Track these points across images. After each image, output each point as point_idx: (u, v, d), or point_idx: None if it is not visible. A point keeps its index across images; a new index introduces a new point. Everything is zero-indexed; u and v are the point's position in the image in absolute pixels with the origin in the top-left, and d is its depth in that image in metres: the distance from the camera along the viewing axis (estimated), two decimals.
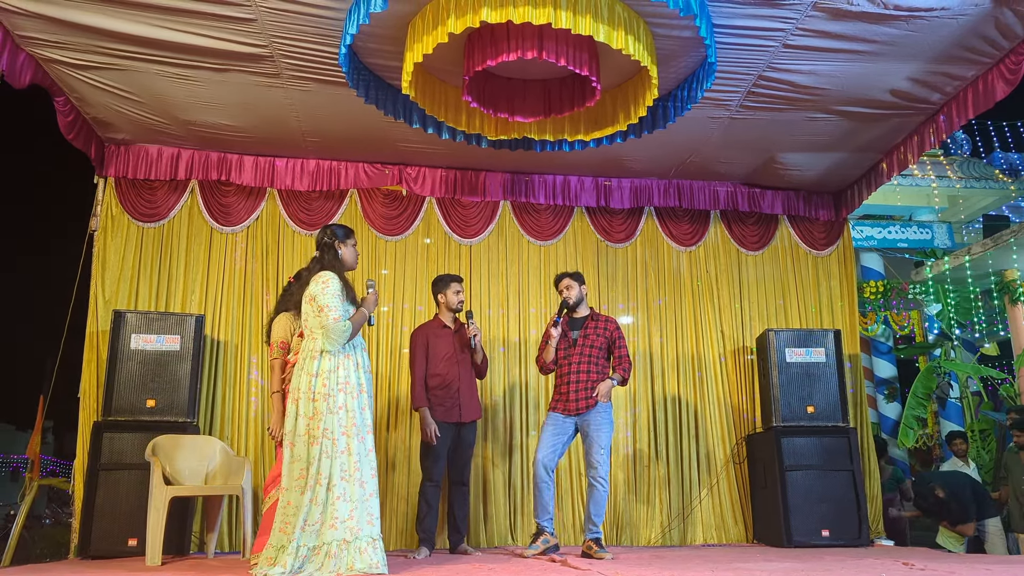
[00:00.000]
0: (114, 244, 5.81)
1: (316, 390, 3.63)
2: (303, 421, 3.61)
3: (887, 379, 10.08)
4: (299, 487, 3.54)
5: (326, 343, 3.69)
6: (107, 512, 4.86)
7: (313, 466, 3.54)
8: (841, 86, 5.07)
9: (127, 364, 5.15)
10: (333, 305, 3.70)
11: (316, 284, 3.78)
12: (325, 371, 3.66)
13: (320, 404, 3.60)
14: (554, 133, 5.10)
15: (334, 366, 3.68)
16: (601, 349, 4.93)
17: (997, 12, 4.28)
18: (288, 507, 3.54)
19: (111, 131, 5.70)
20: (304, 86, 5.07)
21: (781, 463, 5.59)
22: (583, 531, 4.85)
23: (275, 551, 3.48)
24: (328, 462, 3.55)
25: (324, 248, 3.95)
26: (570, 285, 4.99)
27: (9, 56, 4.44)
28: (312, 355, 3.70)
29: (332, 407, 3.62)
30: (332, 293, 3.72)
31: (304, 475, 3.54)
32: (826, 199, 6.85)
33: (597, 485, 4.75)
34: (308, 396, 3.63)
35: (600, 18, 3.94)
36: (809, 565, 3.85)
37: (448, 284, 5.14)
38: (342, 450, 3.58)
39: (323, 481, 3.52)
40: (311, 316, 3.75)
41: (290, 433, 3.64)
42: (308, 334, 3.77)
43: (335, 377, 3.67)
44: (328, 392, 3.63)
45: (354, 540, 3.50)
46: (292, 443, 3.61)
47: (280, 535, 3.50)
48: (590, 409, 4.80)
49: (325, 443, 3.56)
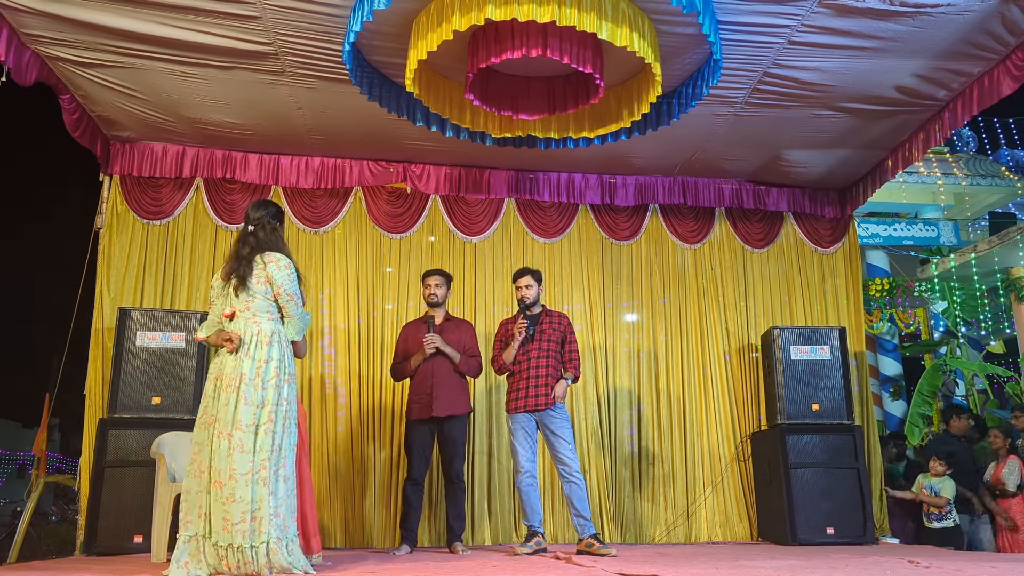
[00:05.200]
0: (119, 242, 5.83)
1: (266, 379, 3.46)
2: (248, 409, 3.40)
3: (893, 377, 10.06)
4: (245, 481, 3.32)
5: (292, 332, 3.64)
6: (113, 509, 4.88)
7: (258, 457, 3.37)
8: (847, 83, 5.05)
9: (132, 361, 5.16)
10: (298, 294, 3.65)
11: (279, 269, 3.61)
12: (275, 359, 3.51)
13: (270, 393, 3.45)
14: (558, 130, 5.10)
15: (282, 354, 3.55)
16: (558, 344, 4.98)
17: (1003, 8, 4.26)
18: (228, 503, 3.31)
19: (116, 129, 5.71)
20: (308, 84, 5.07)
21: (786, 461, 5.58)
22: (576, 530, 4.81)
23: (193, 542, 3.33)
24: (274, 456, 3.41)
25: (262, 225, 3.71)
26: (531, 284, 5.00)
27: (15, 54, 4.45)
28: (260, 341, 3.51)
29: (279, 398, 3.48)
30: (294, 280, 3.64)
31: (250, 468, 3.34)
32: (832, 196, 6.83)
33: (575, 481, 4.78)
34: (255, 383, 3.44)
35: (604, 15, 3.93)
36: (814, 563, 3.85)
37: (423, 279, 5.16)
38: (276, 445, 3.43)
39: (266, 475, 3.37)
40: (260, 298, 3.58)
41: (226, 423, 3.38)
42: (249, 317, 3.56)
43: (283, 367, 3.54)
44: (277, 383, 3.49)
45: (284, 538, 3.37)
46: (230, 433, 3.36)
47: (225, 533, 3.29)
48: (549, 407, 4.84)
49: (268, 435, 3.40)
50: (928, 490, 5.92)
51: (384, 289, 6.17)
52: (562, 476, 4.85)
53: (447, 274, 5.27)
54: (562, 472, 4.84)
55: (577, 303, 6.41)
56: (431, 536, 5.70)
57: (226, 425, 3.39)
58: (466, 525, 5.59)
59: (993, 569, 3.31)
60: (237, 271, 3.62)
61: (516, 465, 4.90)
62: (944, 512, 5.78)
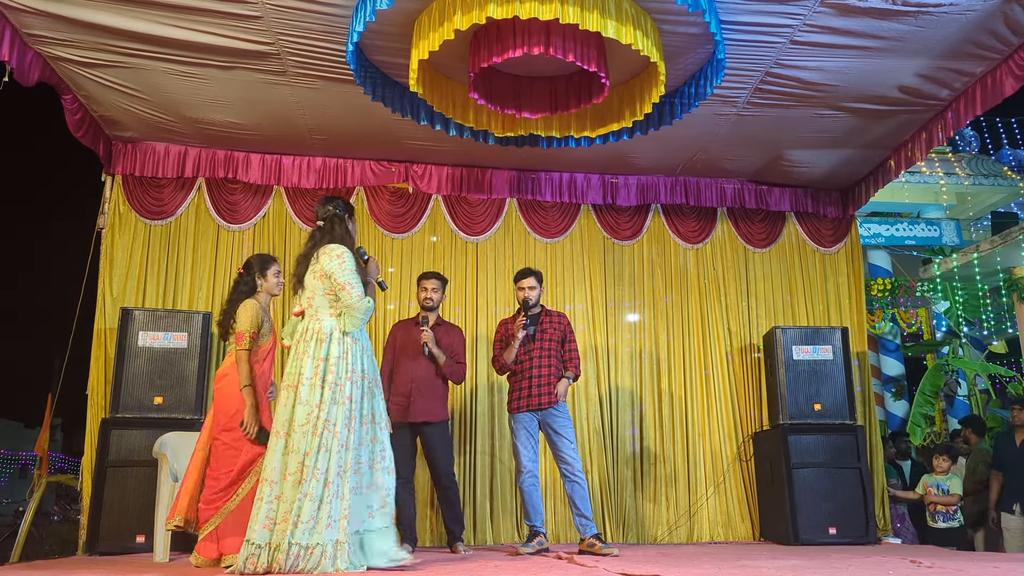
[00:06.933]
0: (122, 242, 5.83)
1: (325, 378, 3.40)
2: (303, 409, 3.36)
3: (895, 377, 10.05)
4: (294, 481, 3.28)
5: (348, 323, 3.50)
6: (115, 509, 4.88)
7: (311, 459, 3.29)
8: (849, 82, 5.05)
9: (135, 361, 5.17)
10: (354, 282, 3.50)
11: (331, 259, 3.51)
12: (334, 357, 3.44)
13: (327, 392, 3.37)
14: (560, 130, 5.10)
15: (342, 352, 3.46)
16: (558, 343, 4.98)
17: (1006, 8, 4.26)
18: (275, 501, 3.29)
19: (119, 129, 5.72)
20: (310, 83, 5.07)
21: (788, 461, 5.58)
22: (578, 530, 4.81)
23: (258, 548, 3.24)
24: (327, 457, 3.31)
25: (333, 220, 3.67)
26: (534, 286, 4.99)
27: (17, 54, 4.45)
28: (319, 338, 3.46)
29: (338, 397, 3.39)
30: (350, 269, 3.51)
31: (300, 468, 3.29)
32: (834, 196, 6.82)
33: (578, 481, 4.77)
34: (313, 383, 3.39)
35: (608, 14, 3.93)
36: (816, 563, 3.84)
37: (419, 282, 5.10)
38: (342, 444, 3.35)
39: (319, 476, 3.28)
40: (319, 295, 3.53)
41: (284, 423, 3.38)
42: (312, 314, 3.54)
43: (343, 364, 3.44)
44: (336, 380, 3.40)
45: (347, 540, 3.30)
46: (287, 433, 3.36)
47: (264, 532, 3.26)
48: (552, 405, 4.84)
49: (326, 436, 3.33)
50: (935, 488, 5.91)
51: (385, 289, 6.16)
52: (564, 476, 4.84)
53: (444, 278, 5.22)
54: (564, 472, 4.84)
55: (579, 303, 6.41)
56: (432, 536, 5.70)
57: (283, 425, 3.39)
58: (467, 525, 5.60)
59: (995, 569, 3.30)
60: (296, 270, 3.65)
61: (518, 465, 4.90)
62: (951, 512, 5.77)
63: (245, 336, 3.92)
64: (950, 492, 5.82)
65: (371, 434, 3.56)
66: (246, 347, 3.91)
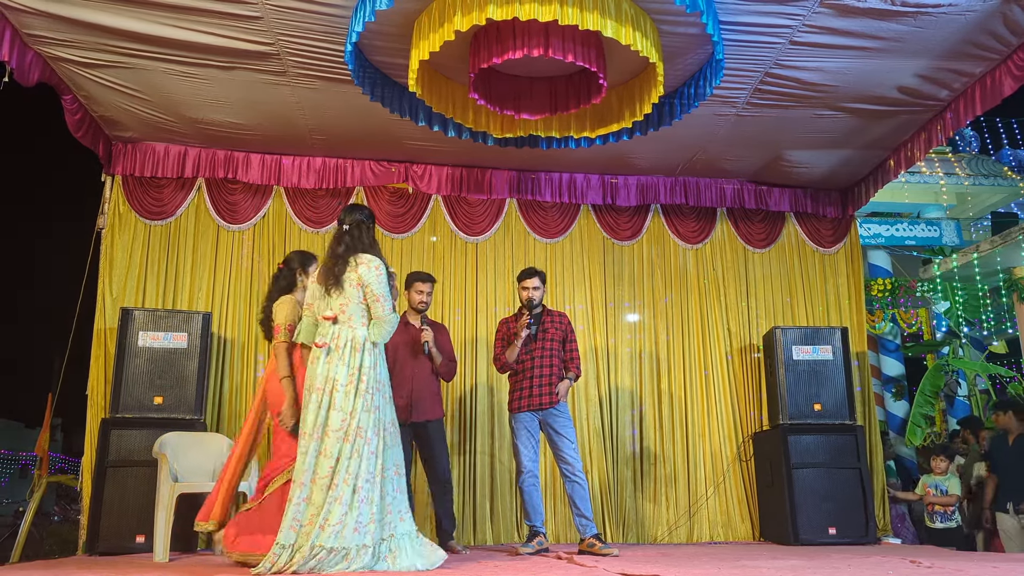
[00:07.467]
0: (122, 242, 5.84)
1: (358, 386, 3.48)
2: (337, 415, 3.43)
3: (895, 377, 10.05)
4: (324, 485, 3.36)
5: (375, 334, 3.57)
6: (115, 509, 4.88)
7: (342, 464, 3.38)
8: (848, 83, 5.05)
9: (135, 361, 5.17)
10: (388, 295, 3.58)
11: (369, 270, 3.59)
12: (367, 366, 3.52)
13: (359, 400, 3.46)
14: (560, 130, 5.10)
15: (373, 362, 3.55)
16: (560, 343, 4.99)
17: (1005, 8, 4.26)
18: (304, 504, 3.36)
19: (119, 129, 5.72)
20: (310, 84, 5.08)
21: (788, 461, 5.58)
22: (578, 530, 4.82)
23: (282, 549, 3.31)
24: (357, 462, 3.40)
25: (360, 226, 3.73)
26: (538, 286, 4.98)
27: (17, 55, 4.46)
28: (355, 347, 3.54)
29: (369, 405, 3.48)
30: (385, 282, 3.58)
31: (331, 473, 3.37)
32: (833, 196, 6.82)
33: (578, 481, 4.78)
34: (348, 390, 3.47)
35: (607, 14, 3.93)
36: (816, 563, 3.84)
37: (412, 282, 5.05)
38: (372, 451, 3.44)
39: (350, 482, 3.37)
40: (354, 302, 3.59)
41: (317, 426, 3.44)
42: (345, 320, 3.60)
43: (374, 374, 3.54)
44: (367, 389, 3.49)
45: (373, 544, 3.37)
46: (320, 437, 3.42)
47: (291, 533, 3.33)
48: (552, 405, 4.84)
49: (358, 442, 3.41)
50: (934, 489, 5.91)
51: None
52: (564, 476, 4.84)
53: (435, 280, 5.23)
54: (564, 472, 4.84)
55: (579, 303, 6.41)
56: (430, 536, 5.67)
57: (315, 427, 3.44)
58: (467, 525, 5.61)
59: (995, 569, 3.31)
60: (333, 269, 3.63)
61: (518, 465, 4.90)
62: (949, 512, 5.77)
63: (282, 328, 3.97)
64: (948, 493, 5.82)
65: (393, 440, 3.63)
66: (284, 339, 3.95)
